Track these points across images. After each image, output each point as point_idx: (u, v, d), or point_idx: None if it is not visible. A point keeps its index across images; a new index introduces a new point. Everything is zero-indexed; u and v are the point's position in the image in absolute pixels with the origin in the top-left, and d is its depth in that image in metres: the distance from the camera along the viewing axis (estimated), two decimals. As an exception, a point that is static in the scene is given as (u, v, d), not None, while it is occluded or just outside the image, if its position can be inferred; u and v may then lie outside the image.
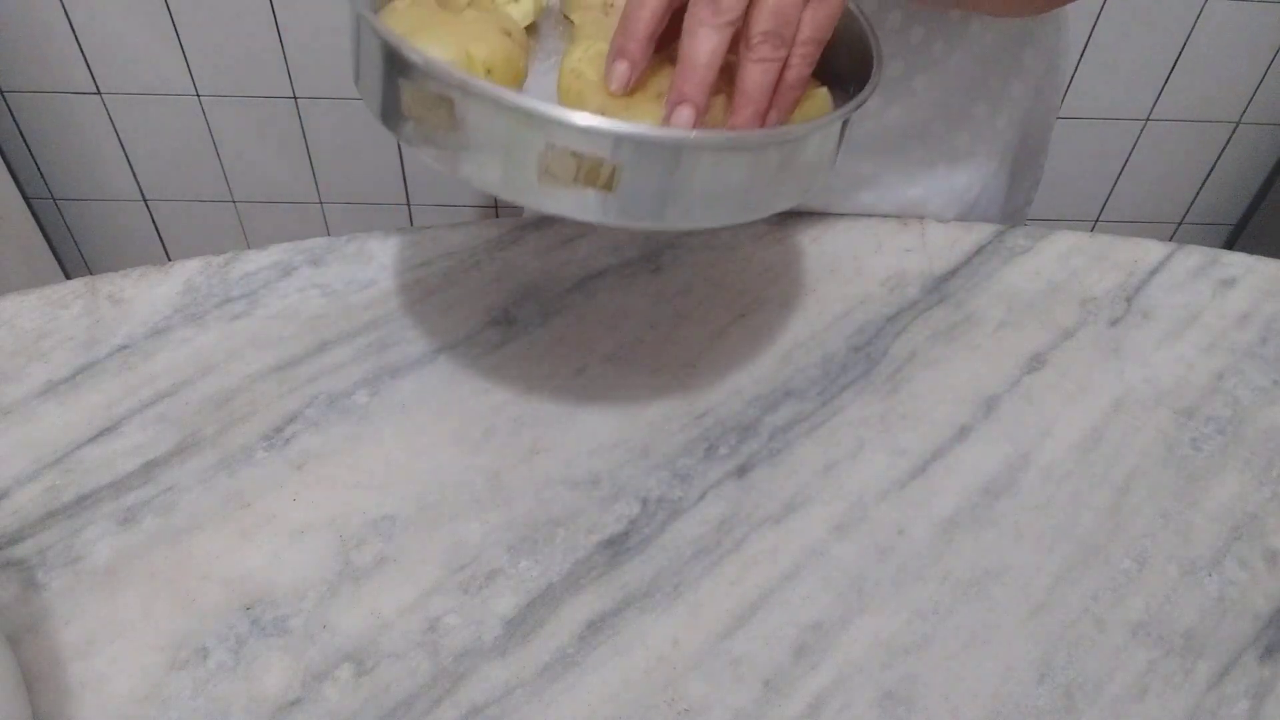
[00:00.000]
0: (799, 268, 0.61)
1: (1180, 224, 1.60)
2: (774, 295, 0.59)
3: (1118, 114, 1.43)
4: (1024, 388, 0.55)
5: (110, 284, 0.57)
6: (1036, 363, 0.56)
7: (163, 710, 0.41)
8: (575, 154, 0.37)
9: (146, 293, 0.57)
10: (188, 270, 0.58)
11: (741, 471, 0.50)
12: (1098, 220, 1.58)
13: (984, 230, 0.64)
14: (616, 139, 0.37)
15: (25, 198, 1.36)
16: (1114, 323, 0.59)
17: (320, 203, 1.48)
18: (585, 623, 0.44)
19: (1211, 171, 1.52)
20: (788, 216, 0.63)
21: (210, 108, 1.35)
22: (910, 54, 0.59)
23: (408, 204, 1.49)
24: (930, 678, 0.43)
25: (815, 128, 0.41)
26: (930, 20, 0.58)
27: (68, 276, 1.48)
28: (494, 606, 0.45)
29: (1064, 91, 1.36)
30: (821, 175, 0.44)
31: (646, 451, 0.51)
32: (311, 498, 0.48)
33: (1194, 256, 0.63)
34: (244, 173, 1.43)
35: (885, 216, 0.64)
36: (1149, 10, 1.31)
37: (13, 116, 1.35)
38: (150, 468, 0.49)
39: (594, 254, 0.61)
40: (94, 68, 1.30)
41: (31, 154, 1.40)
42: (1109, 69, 1.37)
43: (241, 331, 0.55)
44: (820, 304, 0.59)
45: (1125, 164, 1.50)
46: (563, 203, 0.38)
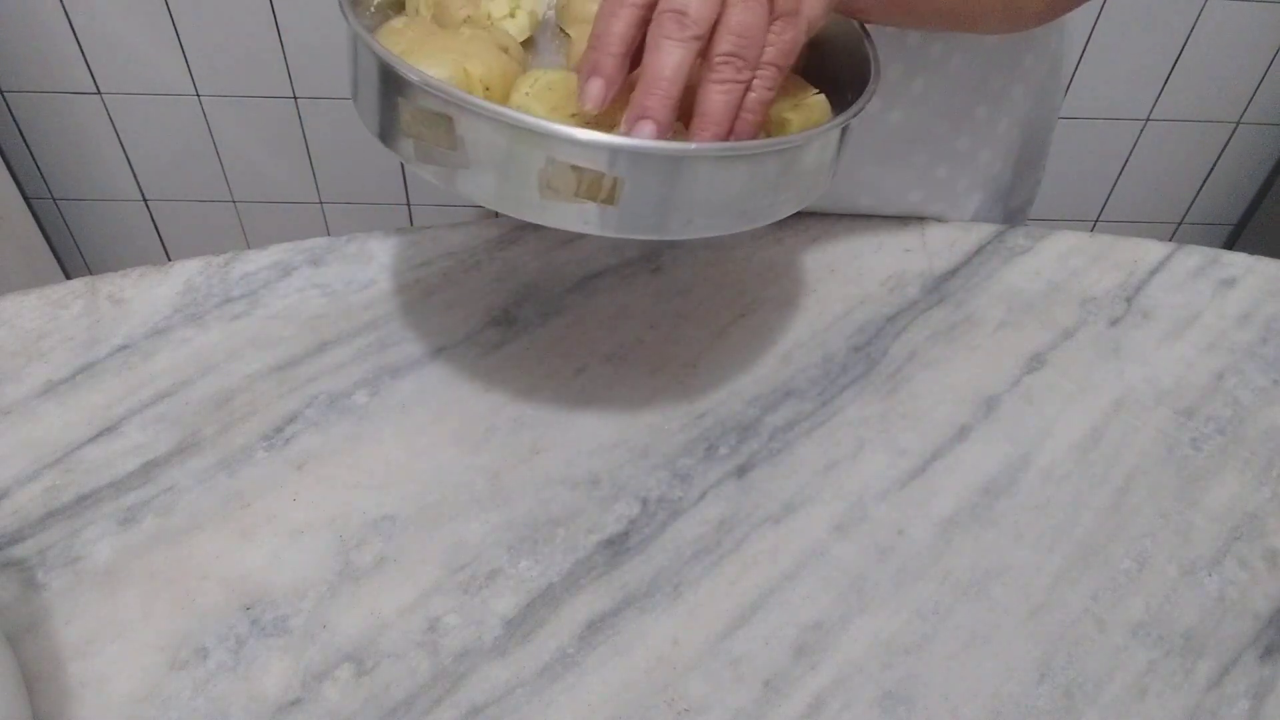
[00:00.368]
0: (799, 268, 0.61)
1: (1180, 224, 1.60)
2: (774, 295, 0.59)
3: (1118, 114, 1.43)
4: (1024, 388, 0.55)
5: (110, 284, 0.57)
6: (1036, 363, 0.56)
7: (163, 710, 0.41)
8: (576, 168, 0.37)
9: (146, 293, 0.57)
10: (188, 270, 0.58)
11: (741, 471, 0.50)
12: (1098, 220, 1.58)
13: (984, 230, 0.64)
14: (616, 152, 0.37)
15: (25, 198, 1.36)
16: (1114, 323, 0.59)
17: (320, 203, 1.48)
18: (585, 623, 0.44)
19: (1211, 171, 1.52)
20: (787, 217, 0.63)
21: (210, 108, 1.35)
22: (908, 55, 0.58)
23: (408, 204, 1.49)
24: (930, 678, 0.43)
25: (814, 136, 0.41)
26: None
27: (68, 276, 1.48)
28: (494, 606, 0.45)
29: (1065, 92, 1.37)
30: (823, 182, 0.44)
31: (646, 451, 0.51)
32: (311, 498, 0.48)
33: (1194, 256, 0.63)
34: (244, 173, 1.43)
35: (885, 217, 0.64)
36: (1149, 10, 1.31)
37: (13, 116, 1.35)
38: (150, 468, 0.49)
39: (594, 254, 0.61)
40: (94, 68, 1.30)
41: (31, 154, 1.40)
42: (1109, 69, 1.37)
43: (241, 331, 0.55)
44: (820, 304, 0.59)
45: (1125, 164, 1.50)
46: (564, 217, 0.38)
